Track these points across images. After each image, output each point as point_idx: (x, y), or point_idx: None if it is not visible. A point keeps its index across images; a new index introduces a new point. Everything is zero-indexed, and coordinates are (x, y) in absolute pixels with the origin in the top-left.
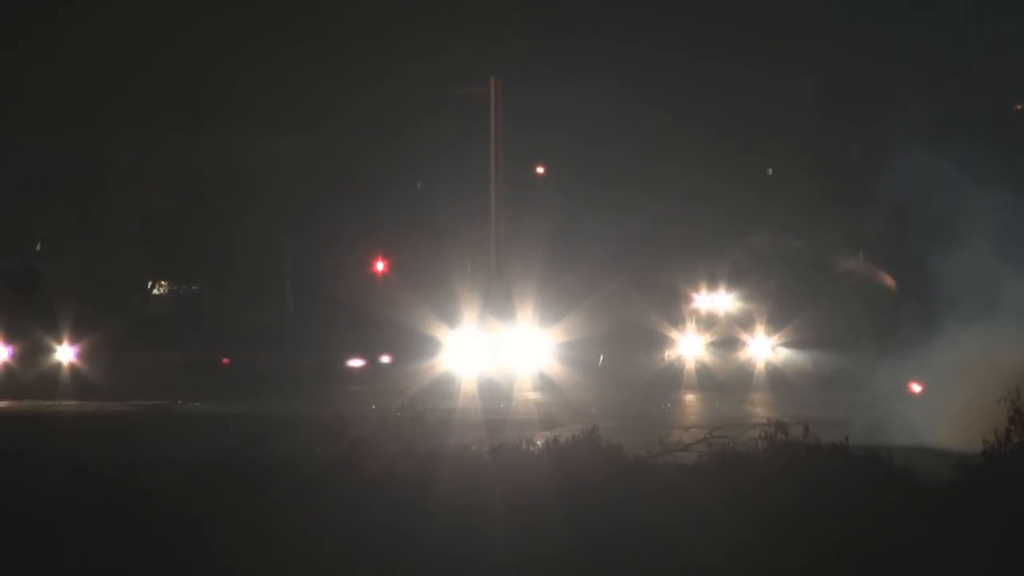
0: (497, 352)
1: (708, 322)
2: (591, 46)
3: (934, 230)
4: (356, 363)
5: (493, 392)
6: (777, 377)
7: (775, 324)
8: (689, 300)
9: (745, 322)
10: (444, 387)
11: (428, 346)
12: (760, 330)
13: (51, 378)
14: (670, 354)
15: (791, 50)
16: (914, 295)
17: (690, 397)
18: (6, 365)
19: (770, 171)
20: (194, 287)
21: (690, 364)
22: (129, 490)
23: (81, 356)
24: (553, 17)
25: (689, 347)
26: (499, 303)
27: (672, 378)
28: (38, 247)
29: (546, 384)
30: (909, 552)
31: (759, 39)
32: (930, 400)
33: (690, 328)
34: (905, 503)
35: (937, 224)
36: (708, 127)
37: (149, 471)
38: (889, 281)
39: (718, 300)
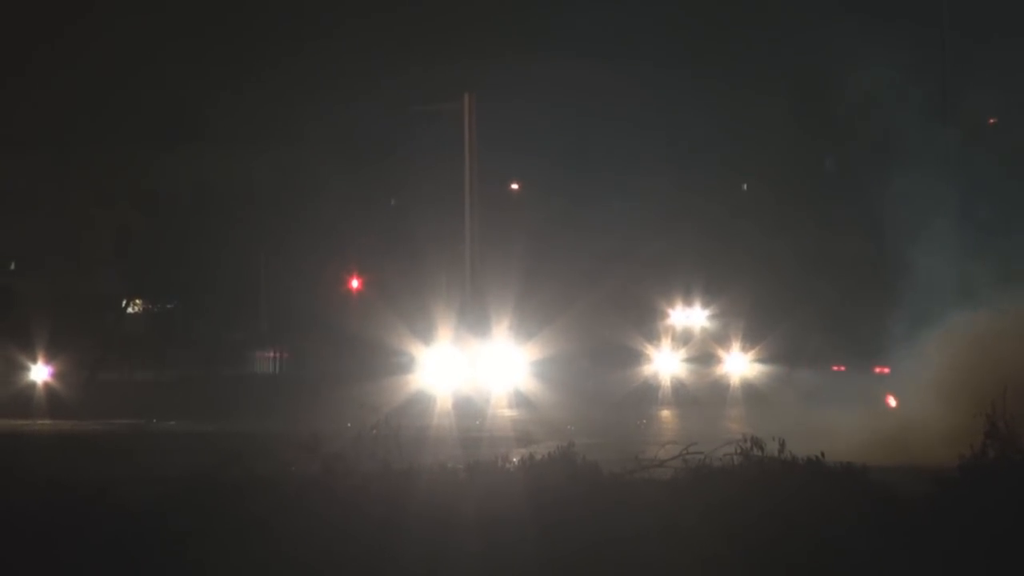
0: (472, 369)
1: (684, 338)
2: (564, 64)
3: (910, 244)
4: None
5: (468, 409)
6: (753, 393)
7: (751, 339)
8: (665, 316)
9: (721, 338)
10: (419, 404)
11: (402, 363)
12: (736, 346)
13: (25, 397)
14: (646, 370)
15: (765, 66)
16: (890, 310)
17: (666, 413)
18: None
19: (745, 187)
20: (168, 305)
21: (666, 380)
22: (104, 508)
23: (56, 375)
24: (526, 35)
25: (665, 363)
26: (474, 320)
27: (648, 394)
28: (12, 266)
29: (522, 401)
30: (885, 565)
31: (733, 56)
32: (906, 414)
33: (666, 344)
34: (881, 517)
35: (913, 238)
36: (683, 143)
37: (125, 489)
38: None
39: (694, 316)
